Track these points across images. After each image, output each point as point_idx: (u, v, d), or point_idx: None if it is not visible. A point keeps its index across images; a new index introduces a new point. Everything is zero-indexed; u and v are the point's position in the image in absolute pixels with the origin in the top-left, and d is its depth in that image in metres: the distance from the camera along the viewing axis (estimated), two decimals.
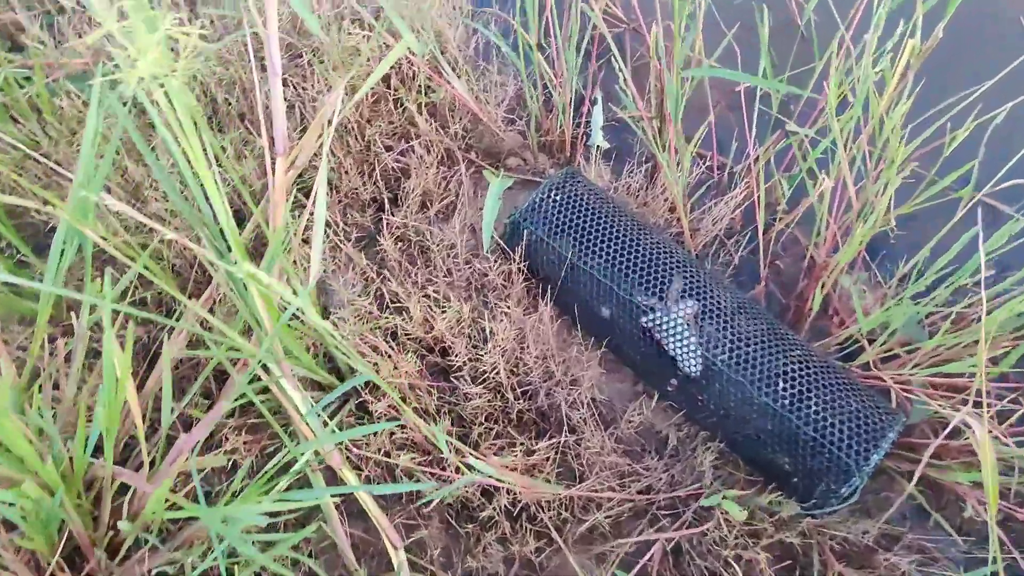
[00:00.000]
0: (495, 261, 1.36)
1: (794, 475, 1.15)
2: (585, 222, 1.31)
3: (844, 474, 1.10)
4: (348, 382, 0.93)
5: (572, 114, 1.61)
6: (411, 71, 1.51)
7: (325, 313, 1.28)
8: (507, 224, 1.38)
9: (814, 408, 1.12)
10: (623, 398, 1.36)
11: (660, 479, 1.24)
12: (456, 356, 1.27)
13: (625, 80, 1.37)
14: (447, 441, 1.23)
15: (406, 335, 1.28)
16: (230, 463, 1.16)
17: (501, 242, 1.37)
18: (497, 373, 1.24)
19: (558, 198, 1.35)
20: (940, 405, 1.16)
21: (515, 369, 1.28)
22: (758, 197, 1.39)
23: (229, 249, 1.03)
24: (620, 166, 1.56)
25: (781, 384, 1.15)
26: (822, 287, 1.31)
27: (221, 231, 1.02)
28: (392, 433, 1.20)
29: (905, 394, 1.24)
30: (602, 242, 1.28)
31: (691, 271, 1.26)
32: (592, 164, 1.55)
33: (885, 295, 1.36)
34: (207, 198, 0.99)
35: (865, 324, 1.16)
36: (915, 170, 1.31)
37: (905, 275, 1.28)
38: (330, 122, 1.20)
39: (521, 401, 1.27)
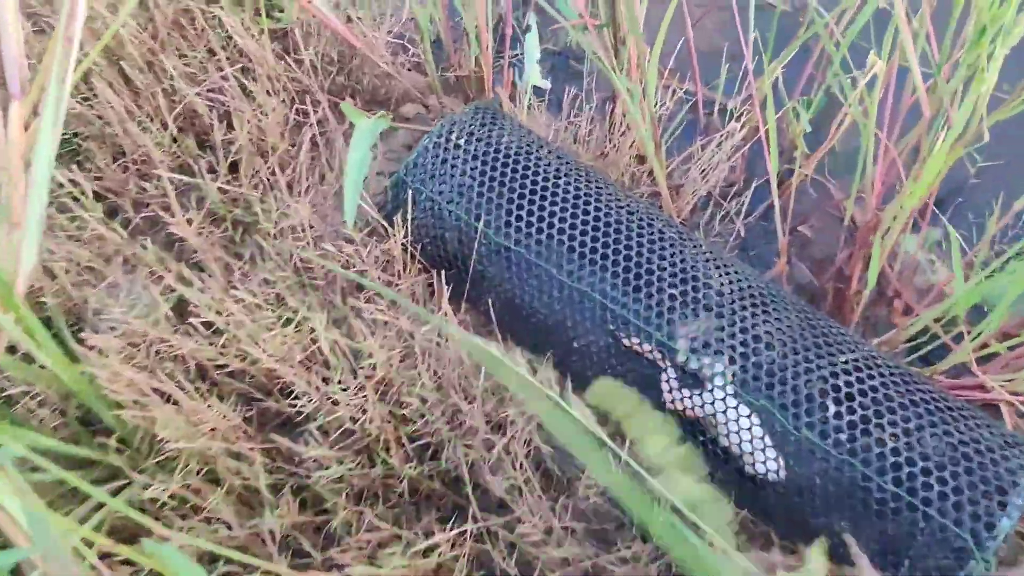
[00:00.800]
0: (370, 244, 0.96)
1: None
2: (508, 177, 0.94)
3: (953, 553, 0.72)
4: None
5: (492, 41, 1.24)
6: None
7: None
8: (389, 188, 0.99)
9: (890, 444, 0.75)
10: None
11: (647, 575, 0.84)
12: (305, 399, 0.86)
13: None
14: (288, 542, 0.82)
15: (220, 369, 0.88)
16: None
17: (378, 216, 0.98)
18: (369, 422, 0.84)
19: (464, 143, 0.97)
20: None
21: (401, 413, 0.88)
22: (766, 131, 1.03)
23: None
24: (565, 111, 1.19)
25: (832, 408, 0.77)
26: (876, 256, 0.94)
27: None
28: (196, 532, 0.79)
29: None
30: (535, 205, 0.91)
31: (668, 236, 0.88)
32: (522, 108, 1.17)
33: (972, 263, 0.98)
34: None
35: (963, 300, 0.78)
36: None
37: (1004, 229, 0.91)
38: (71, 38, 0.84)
39: (414, 464, 0.87)
